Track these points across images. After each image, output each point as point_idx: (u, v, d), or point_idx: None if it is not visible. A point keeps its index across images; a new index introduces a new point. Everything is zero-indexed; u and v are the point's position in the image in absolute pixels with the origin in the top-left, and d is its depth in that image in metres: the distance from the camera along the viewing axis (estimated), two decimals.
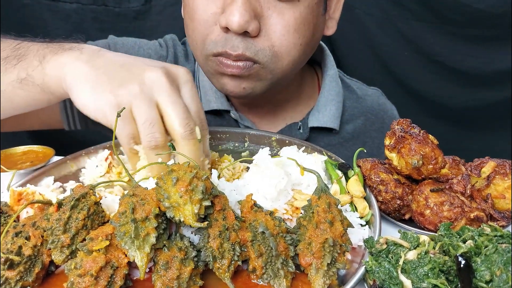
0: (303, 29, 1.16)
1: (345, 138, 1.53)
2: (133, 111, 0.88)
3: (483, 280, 0.66)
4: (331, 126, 1.46)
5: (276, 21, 1.13)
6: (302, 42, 1.18)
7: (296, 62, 1.22)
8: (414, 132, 0.91)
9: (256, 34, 1.12)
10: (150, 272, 0.73)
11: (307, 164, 0.96)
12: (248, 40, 1.13)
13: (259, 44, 1.14)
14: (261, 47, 1.14)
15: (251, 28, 1.09)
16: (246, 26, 1.08)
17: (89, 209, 0.76)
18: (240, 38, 1.12)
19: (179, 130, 0.89)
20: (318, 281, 0.70)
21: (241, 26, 1.07)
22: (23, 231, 0.74)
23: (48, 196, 0.93)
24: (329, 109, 1.46)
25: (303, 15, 1.14)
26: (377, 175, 0.95)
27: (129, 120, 0.89)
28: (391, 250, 0.74)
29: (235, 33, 1.10)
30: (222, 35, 1.13)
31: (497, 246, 0.69)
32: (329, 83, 1.50)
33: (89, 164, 1.10)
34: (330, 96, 1.48)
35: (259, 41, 1.13)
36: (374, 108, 1.63)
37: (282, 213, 0.86)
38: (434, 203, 0.86)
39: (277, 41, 1.14)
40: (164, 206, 0.72)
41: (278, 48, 1.15)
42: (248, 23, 1.08)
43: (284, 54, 1.17)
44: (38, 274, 0.72)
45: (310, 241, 0.72)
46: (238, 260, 0.73)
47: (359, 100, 1.62)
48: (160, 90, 0.90)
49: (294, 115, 1.50)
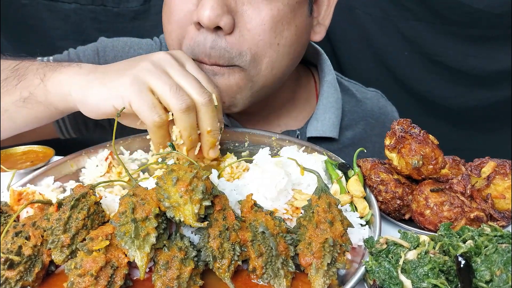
0: (280, 28, 1.08)
1: (344, 144, 1.47)
2: (152, 84, 0.91)
3: (483, 280, 0.66)
4: (330, 136, 1.40)
5: (250, 18, 1.05)
6: (280, 42, 1.10)
7: (274, 64, 1.13)
8: (414, 132, 0.91)
9: (229, 31, 1.05)
10: (150, 272, 0.73)
11: (307, 164, 0.96)
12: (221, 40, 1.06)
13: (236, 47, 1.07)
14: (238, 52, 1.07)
15: (223, 23, 1.02)
16: (217, 21, 1.01)
17: (89, 209, 0.76)
18: (214, 36, 1.05)
19: (198, 99, 0.93)
20: (318, 281, 0.70)
21: (212, 20, 1.00)
22: (23, 231, 0.74)
23: (48, 196, 0.93)
24: (328, 117, 1.40)
25: (281, 13, 1.07)
26: (377, 175, 0.95)
27: (147, 90, 0.92)
28: (391, 250, 0.73)
29: (207, 29, 1.04)
30: (195, 39, 1.08)
31: (497, 246, 0.69)
32: (328, 90, 1.43)
33: (89, 164, 1.10)
34: (328, 103, 1.42)
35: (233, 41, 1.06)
36: (374, 111, 1.57)
37: (282, 213, 0.86)
38: (434, 203, 0.86)
39: (252, 41, 1.07)
40: (164, 206, 0.72)
41: (255, 49, 1.08)
42: (220, 17, 1.01)
43: (260, 55, 1.09)
44: (38, 274, 0.72)
45: (310, 241, 0.72)
46: (238, 260, 0.73)
47: (358, 104, 1.56)
48: (170, 65, 0.95)
49: (289, 121, 1.44)
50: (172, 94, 0.90)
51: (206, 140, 1.00)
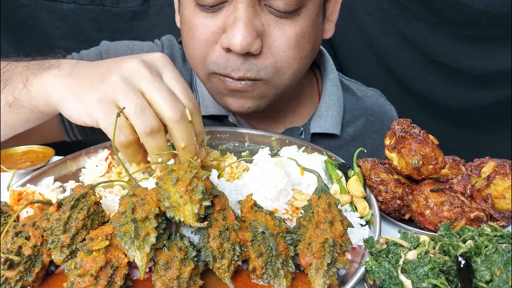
0: (303, 42, 1.15)
1: (346, 141, 1.52)
2: (119, 102, 0.88)
3: (483, 280, 0.66)
4: (333, 132, 1.46)
5: (277, 37, 1.12)
6: (302, 55, 1.18)
7: (296, 74, 1.22)
8: (414, 132, 0.91)
9: (258, 53, 1.11)
10: (150, 272, 0.73)
11: (307, 164, 0.96)
12: (250, 60, 1.12)
13: (261, 63, 1.13)
14: (263, 66, 1.13)
15: (254, 49, 1.08)
16: (249, 47, 1.07)
17: (89, 209, 0.76)
18: (242, 58, 1.11)
19: (169, 115, 0.89)
20: (318, 281, 0.70)
21: (244, 48, 1.06)
22: (23, 231, 0.74)
23: (48, 196, 0.93)
24: (331, 114, 1.46)
25: (304, 29, 1.14)
26: (377, 175, 0.95)
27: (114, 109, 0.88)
28: (391, 250, 0.73)
29: (236, 54, 1.09)
30: (223, 55, 1.13)
31: (497, 246, 0.69)
32: (330, 88, 1.49)
33: (89, 164, 1.10)
34: (331, 101, 1.47)
35: (261, 58, 1.13)
36: (374, 109, 1.63)
37: (282, 213, 0.86)
38: (434, 203, 0.86)
39: (278, 56, 1.14)
40: (164, 206, 0.72)
41: (279, 63, 1.15)
42: (251, 45, 1.07)
43: (285, 68, 1.17)
44: (38, 274, 0.72)
45: (310, 241, 0.72)
46: (238, 260, 0.73)
47: (359, 101, 1.61)
48: (141, 78, 0.90)
49: (294, 119, 1.49)
50: (137, 115, 0.87)
51: (180, 157, 0.96)
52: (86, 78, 0.94)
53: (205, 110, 1.42)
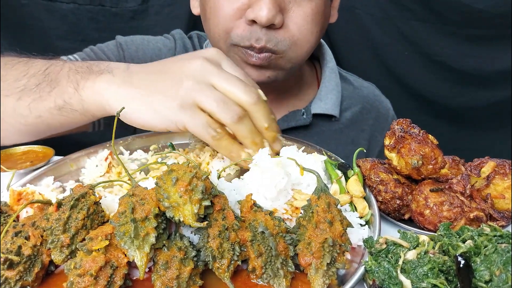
0: (318, 18, 1.29)
1: (345, 124, 1.63)
2: (200, 102, 0.92)
3: (483, 280, 0.66)
4: (332, 113, 1.56)
5: (296, 14, 1.25)
6: (318, 29, 1.31)
7: (311, 48, 1.34)
8: (414, 132, 0.92)
9: (280, 26, 1.23)
10: (150, 272, 0.73)
11: (306, 164, 0.96)
12: (271, 33, 1.23)
13: (280, 36, 1.24)
14: (281, 38, 1.24)
15: (277, 21, 1.20)
16: (273, 20, 1.18)
17: (89, 209, 0.76)
18: (265, 30, 1.22)
19: (247, 99, 0.94)
20: (317, 281, 0.70)
21: (270, 20, 1.17)
22: (23, 231, 0.74)
23: (48, 196, 0.93)
24: (330, 97, 1.57)
25: (319, 6, 1.28)
26: (377, 175, 0.95)
27: (197, 110, 0.93)
28: (390, 250, 0.73)
29: (261, 26, 1.20)
30: (248, 29, 1.23)
31: (497, 246, 0.69)
32: (329, 74, 1.61)
33: (89, 164, 1.10)
34: (330, 86, 1.59)
35: (281, 32, 1.24)
36: (370, 97, 1.74)
37: (281, 213, 0.86)
38: (433, 203, 0.86)
39: (297, 31, 1.26)
40: (164, 206, 0.72)
41: (297, 37, 1.27)
42: (275, 17, 1.18)
43: (303, 42, 1.29)
44: (38, 274, 0.72)
45: (310, 241, 0.72)
46: (238, 260, 0.73)
47: (355, 90, 1.71)
48: (210, 74, 0.95)
49: (296, 103, 1.59)
50: (221, 109, 0.92)
51: (267, 136, 1.00)
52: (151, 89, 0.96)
53: None
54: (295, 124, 1.52)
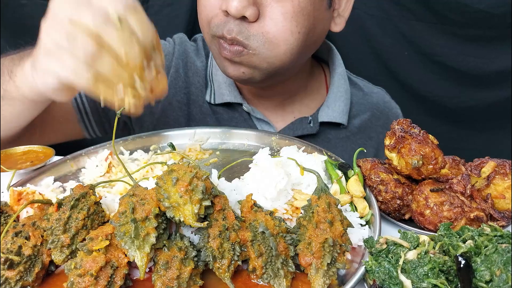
0: (301, 18, 1.19)
1: (352, 132, 1.59)
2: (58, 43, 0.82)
3: (483, 280, 0.66)
4: (340, 121, 1.52)
5: (274, 9, 1.17)
6: (300, 30, 1.21)
7: (294, 51, 1.24)
8: (414, 132, 0.92)
9: (253, 20, 1.17)
10: (150, 272, 0.73)
11: (307, 164, 0.96)
12: (243, 25, 1.18)
13: (253, 30, 1.19)
14: (254, 33, 1.19)
15: (249, 13, 1.15)
16: (244, 11, 1.14)
17: (89, 209, 0.76)
18: (237, 22, 1.18)
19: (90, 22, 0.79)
20: (318, 281, 0.70)
21: (238, 10, 1.13)
22: (23, 231, 0.74)
23: (48, 196, 0.93)
24: (338, 105, 1.53)
25: (302, 5, 1.19)
26: (377, 175, 0.95)
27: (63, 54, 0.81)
28: (391, 250, 0.73)
29: (233, 17, 1.17)
30: (224, 19, 1.20)
31: (497, 246, 0.69)
32: (338, 81, 1.56)
33: (89, 164, 1.10)
34: (339, 93, 1.54)
35: (254, 26, 1.18)
36: (379, 104, 1.69)
37: (282, 213, 0.86)
38: (434, 203, 0.86)
39: (273, 27, 1.18)
40: (164, 206, 0.72)
41: (273, 34, 1.19)
42: (246, 8, 1.14)
43: (280, 41, 1.20)
44: (38, 274, 0.72)
45: (310, 241, 0.72)
46: (238, 260, 0.73)
47: (365, 96, 1.67)
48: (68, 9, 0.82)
49: (302, 109, 1.56)
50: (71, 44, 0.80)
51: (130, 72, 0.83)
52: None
53: (220, 98, 1.49)
54: (301, 132, 1.49)
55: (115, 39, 0.80)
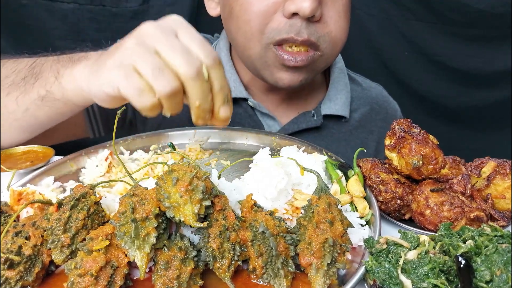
0: (348, 14, 1.27)
1: (354, 126, 1.62)
2: (137, 65, 0.83)
3: (483, 280, 0.66)
4: (342, 114, 1.55)
5: (330, 8, 1.22)
6: (348, 26, 1.29)
7: (343, 46, 1.31)
8: (414, 132, 0.92)
9: (319, 19, 1.20)
10: (150, 272, 0.73)
11: (307, 164, 0.96)
12: (312, 26, 1.19)
13: (320, 30, 1.21)
14: (322, 33, 1.22)
15: (318, 13, 1.17)
16: (316, 11, 1.16)
17: (89, 209, 0.76)
18: (305, 23, 1.18)
19: (183, 71, 0.84)
20: (318, 281, 0.70)
21: (313, 10, 1.14)
22: (23, 231, 0.74)
23: (48, 196, 0.93)
24: (340, 98, 1.56)
25: (349, 1, 1.26)
26: (377, 175, 0.95)
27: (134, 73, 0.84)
28: (391, 250, 0.73)
29: (302, 18, 1.17)
30: (285, 22, 1.19)
31: (497, 246, 0.69)
32: (338, 75, 1.60)
33: (89, 164, 1.10)
34: (339, 86, 1.58)
35: (319, 26, 1.21)
36: (378, 99, 1.72)
37: (282, 213, 0.86)
38: (434, 203, 0.86)
39: (333, 26, 1.23)
40: (164, 206, 0.72)
41: (334, 33, 1.24)
42: (317, 9, 1.16)
43: (338, 39, 1.27)
44: (38, 274, 0.72)
45: (310, 241, 0.72)
46: (238, 260, 0.73)
47: (364, 91, 1.70)
48: (156, 40, 0.85)
49: (305, 105, 1.58)
50: (155, 77, 0.82)
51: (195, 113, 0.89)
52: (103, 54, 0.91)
53: None
54: (306, 126, 1.49)
55: (195, 92, 0.85)
